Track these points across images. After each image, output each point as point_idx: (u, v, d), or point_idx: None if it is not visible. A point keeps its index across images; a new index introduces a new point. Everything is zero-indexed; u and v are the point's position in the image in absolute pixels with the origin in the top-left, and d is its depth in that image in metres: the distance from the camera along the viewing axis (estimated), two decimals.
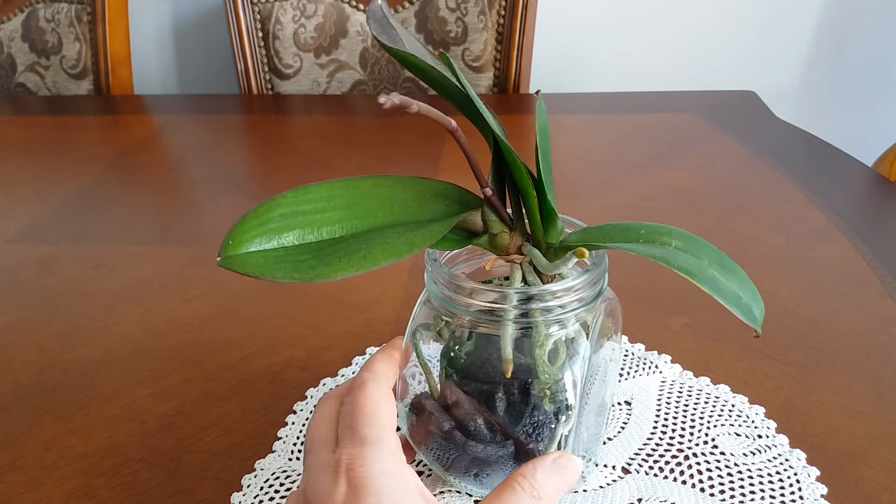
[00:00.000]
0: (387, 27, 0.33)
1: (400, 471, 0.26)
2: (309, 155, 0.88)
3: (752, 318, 0.28)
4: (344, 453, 0.26)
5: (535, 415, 0.33)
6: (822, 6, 1.36)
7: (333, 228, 0.30)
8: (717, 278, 0.28)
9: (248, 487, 0.39)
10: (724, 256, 0.30)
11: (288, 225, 0.29)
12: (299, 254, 0.29)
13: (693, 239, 0.30)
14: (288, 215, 0.30)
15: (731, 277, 0.29)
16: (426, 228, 0.30)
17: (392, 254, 0.28)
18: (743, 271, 0.30)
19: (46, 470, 0.42)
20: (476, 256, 0.36)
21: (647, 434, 0.42)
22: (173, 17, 1.48)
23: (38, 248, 0.68)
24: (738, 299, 0.28)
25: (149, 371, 0.50)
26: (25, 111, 1.14)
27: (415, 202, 0.32)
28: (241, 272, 0.27)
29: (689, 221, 0.67)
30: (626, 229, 0.31)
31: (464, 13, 1.13)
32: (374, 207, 0.31)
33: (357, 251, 0.28)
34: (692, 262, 0.28)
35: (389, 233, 0.30)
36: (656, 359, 0.48)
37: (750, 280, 0.30)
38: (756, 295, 0.29)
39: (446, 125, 0.27)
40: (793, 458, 0.40)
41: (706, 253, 0.29)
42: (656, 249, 0.29)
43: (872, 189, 0.74)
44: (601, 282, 0.32)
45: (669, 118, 0.94)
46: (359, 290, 0.58)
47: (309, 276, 0.27)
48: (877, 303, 0.53)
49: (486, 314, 0.31)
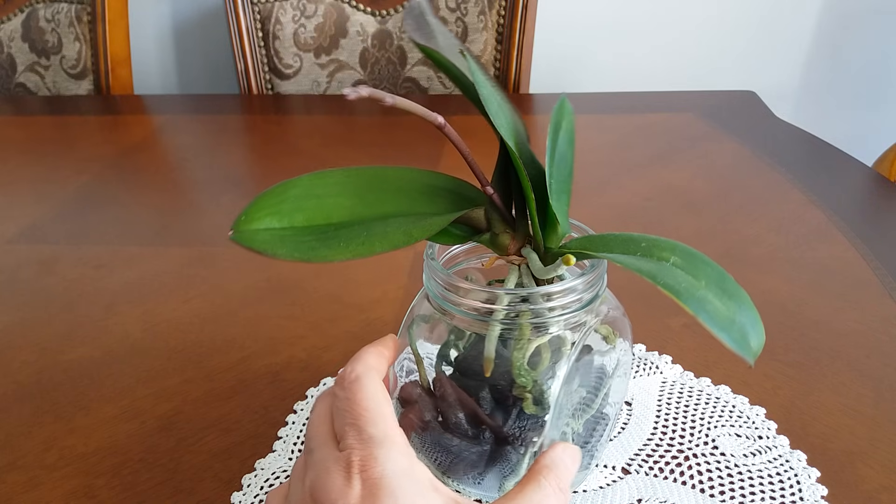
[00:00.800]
0: (422, 24, 0.34)
1: (412, 468, 0.26)
2: (309, 155, 0.88)
3: (745, 347, 0.26)
4: (355, 454, 0.26)
5: (518, 417, 0.32)
6: (821, 6, 1.36)
7: (341, 214, 0.31)
8: (707, 300, 0.27)
9: (248, 487, 0.39)
10: (728, 279, 0.28)
11: (299, 207, 0.30)
12: (305, 235, 0.30)
13: (695, 256, 0.29)
14: (301, 197, 0.30)
15: (730, 301, 0.27)
16: (427, 221, 0.30)
17: (389, 243, 0.29)
18: (747, 297, 0.28)
19: (46, 470, 0.42)
20: (486, 255, 0.36)
21: (648, 434, 0.42)
22: (173, 17, 1.48)
23: (38, 248, 0.68)
24: (729, 325, 0.26)
25: (149, 371, 0.50)
26: (25, 111, 1.14)
27: (423, 195, 0.32)
28: (247, 247, 0.28)
29: (689, 221, 0.67)
30: (627, 240, 0.30)
31: (464, 13, 1.13)
32: (383, 197, 0.32)
33: (357, 237, 0.29)
34: (684, 280, 0.27)
35: (392, 222, 0.30)
36: (657, 359, 0.48)
37: (754, 307, 0.28)
38: (757, 324, 0.27)
39: (432, 121, 0.27)
40: (793, 459, 0.40)
41: (706, 273, 0.28)
42: (649, 264, 0.28)
43: (872, 189, 0.74)
44: (592, 290, 0.32)
45: (669, 118, 0.94)
46: (359, 290, 0.58)
47: (308, 257, 0.28)
48: (877, 303, 0.53)
49: (474, 313, 0.31)
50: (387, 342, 0.32)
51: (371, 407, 0.27)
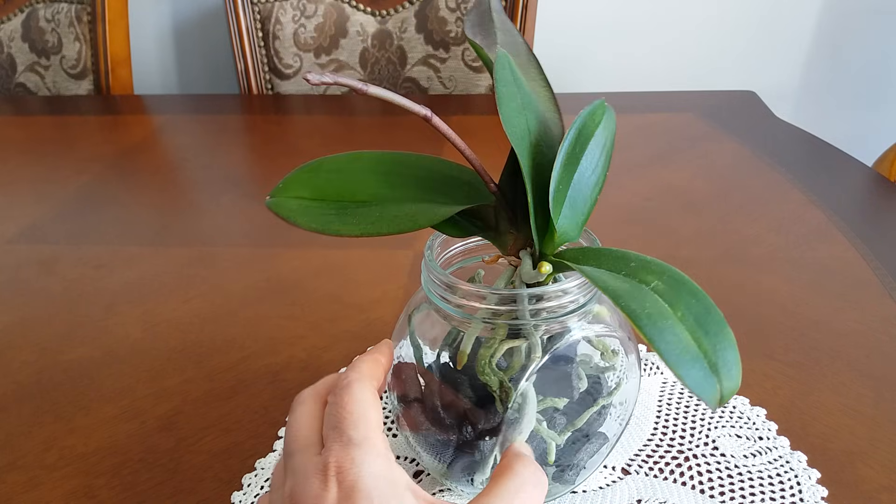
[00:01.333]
0: (486, 21, 0.33)
1: (390, 471, 0.26)
2: (309, 155, 0.87)
3: (707, 387, 0.24)
4: (332, 456, 0.26)
5: (492, 415, 0.33)
6: (821, 6, 1.36)
7: (365, 193, 0.32)
8: (673, 331, 0.24)
9: (248, 486, 0.39)
10: (713, 315, 0.25)
11: (331, 181, 0.33)
12: (328, 209, 0.31)
13: (683, 285, 0.26)
14: (334, 171, 0.33)
15: (705, 338, 0.25)
16: (434, 210, 0.31)
17: (395, 226, 0.30)
18: (731, 337, 0.25)
19: (46, 470, 0.42)
20: (492, 254, 0.36)
21: (648, 435, 0.42)
22: (173, 17, 1.48)
23: (38, 248, 0.68)
24: (691, 361, 0.24)
25: (149, 371, 0.50)
26: (25, 111, 1.14)
27: (444, 185, 0.33)
28: (276, 213, 0.31)
29: (689, 221, 0.67)
30: (619, 257, 0.29)
31: (464, 13, 1.13)
32: (404, 181, 0.33)
33: (370, 217, 0.31)
34: (655, 307, 0.25)
35: (405, 207, 0.32)
36: (658, 360, 0.48)
37: (735, 349, 0.25)
38: (733, 367, 0.24)
39: (417, 112, 0.27)
40: (794, 460, 0.40)
41: (687, 304, 0.26)
42: (623, 285, 0.26)
43: (872, 189, 0.74)
44: (579, 299, 0.31)
45: (669, 118, 0.94)
46: (359, 290, 0.58)
47: (324, 229, 0.30)
48: (877, 303, 0.53)
49: (458, 310, 0.32)
50: (382, 349, 0.32)
51: (355, 410, 0.27)
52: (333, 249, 0.65)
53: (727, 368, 0.24)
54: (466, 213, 0.32)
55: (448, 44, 1.15)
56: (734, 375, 0.24)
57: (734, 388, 0.24)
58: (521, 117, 0.31)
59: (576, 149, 0.31)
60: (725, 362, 0.24)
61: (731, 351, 0.25)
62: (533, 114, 0.32)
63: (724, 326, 0.25)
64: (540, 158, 0.31)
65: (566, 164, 0.31)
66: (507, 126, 0.30)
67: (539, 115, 0.32)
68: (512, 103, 0.30)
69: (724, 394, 0.24)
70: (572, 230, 0.31)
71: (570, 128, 0.31)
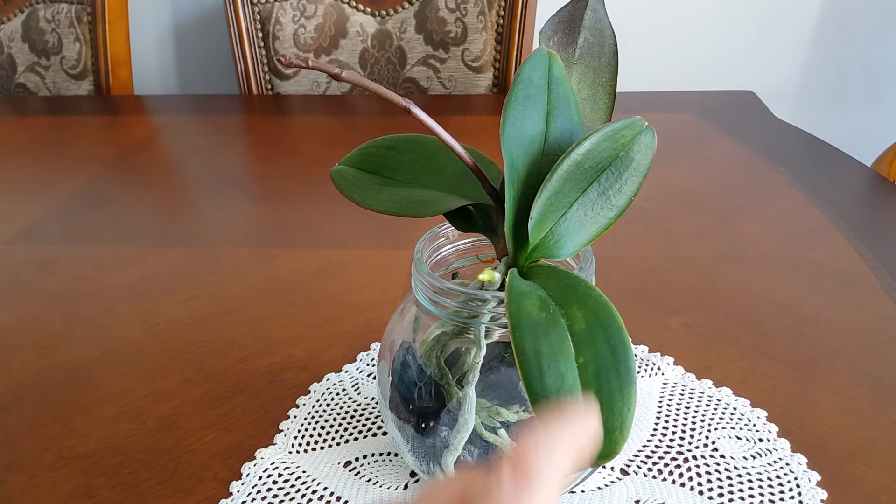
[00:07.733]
0: (576, 18, 0.33)
1: None
2: (309, 155, 0.88)
3: None
4: None
5: (437, 405, 0.33)
6: (822, 6, 1.36)
7: (405, 174, 0.34)
8: (555, 374, 0.23)
9: (247, 476, 0.40)
10: (624, 374, 0.23)
11: (385, 157, 0.35)
12: (373, 183, 0.34)
13: (606, 332, 0.24)
14: (391, 149, 0.35)
15: (598, 392, 0.23)
16: (438, 202, 0.32)
17: (399, 209, 0.32)
18: (631, 403, 0.23)
19: (46, 470, 0.42)
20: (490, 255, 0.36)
21: (647, 436, 0.42)
22: (173, 17, 1.48)
23: (38, 248, 0.68)
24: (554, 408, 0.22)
25: (149, 371, 0.50)
26: (25, 111, 1.14)
27: (468, 178, 0.33)
28: (332, 178, 0.34)
29: (688, 221, 0.67)
30: (567, 285, 0.27)
31: (463, 13, 1.13)
32: (441, 169, 0.34)
33: (385, 194, 0.33)
34: (555, 347, 0.24)
35: (422, 193, 0.33)
36: (658, 360, 0.48)
37: (629, 417, 0.23)
38: (617, 430, 0.22)
39: (398, 103, 0.28)
40: (793, 462, 0.40)
41: (596, 352, 0.24)
42: (541, 314, 0.25)
43: (872, 189, 0.74)
44: None
45: (669, 118, 0.94)
46: (358, 290, 0.58)
47: (354, 198, 0.33)
48: (877, 303, 0.53)
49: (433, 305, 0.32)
50: None
51: None
52: (333, 249, 0.65)
53: (610, 429, 0.22)
54: (477, 208, 0.33)
55: (448, 44, 1.15)
56: (614, 440, 0.22)
57: (613, 452, 0.22)
58: (533, 121, 0.30)
59: (586, 165, 0.29)
60: (610, 424, 0.22)
61: (622, 416, 0.23)
62: (562, 119, 0.30)
63: (630, 392, 0.23)
64: (547, 167, 0.29)
65: (569, 182, 0.29)
66: (502, 133, 0.29)
67: (569, 122, 0.31)
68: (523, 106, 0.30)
69: (601, 454, 0.22)
70: (557, 249, 0.29)
71: (582, 141, 0.28)
